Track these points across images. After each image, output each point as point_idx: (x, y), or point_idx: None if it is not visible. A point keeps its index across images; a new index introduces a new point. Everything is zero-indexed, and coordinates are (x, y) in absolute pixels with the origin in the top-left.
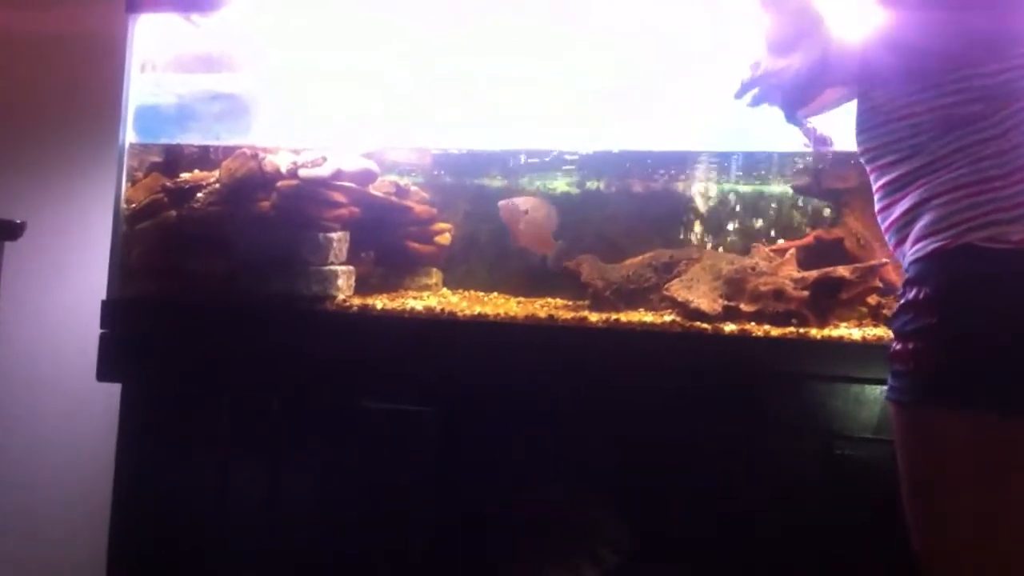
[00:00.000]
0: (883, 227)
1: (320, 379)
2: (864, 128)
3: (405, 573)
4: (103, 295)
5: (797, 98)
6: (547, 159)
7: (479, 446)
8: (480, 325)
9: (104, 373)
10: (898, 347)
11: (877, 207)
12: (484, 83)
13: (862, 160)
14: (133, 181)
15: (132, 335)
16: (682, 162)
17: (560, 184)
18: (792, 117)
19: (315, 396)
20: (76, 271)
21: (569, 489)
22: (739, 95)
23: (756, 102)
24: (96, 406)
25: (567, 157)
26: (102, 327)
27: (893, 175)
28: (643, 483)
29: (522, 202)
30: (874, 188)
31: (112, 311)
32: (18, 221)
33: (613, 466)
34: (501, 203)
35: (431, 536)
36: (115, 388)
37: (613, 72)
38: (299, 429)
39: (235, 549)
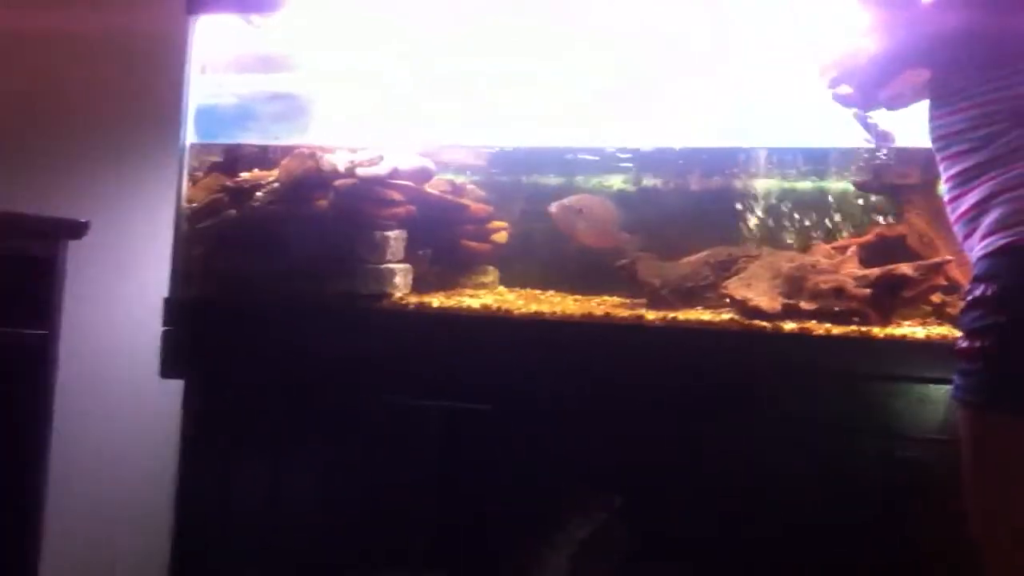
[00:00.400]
0: (952, 219)
1: (378, 377)
2: (936, 115)
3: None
4: (165, 293)
5: (875, 79)
6: (602, 157)
7: (535, 444)
8: (536, 323)
9: (167, 370)
10: (965, 344)
11: (946, 198)
12: (540, 80)
13: (933, 148)
14: (194, 181)
15: (194, 332)
16: (740, 158)
17: (616, 182)
18: (868, 101)
19: (373, 393)
20: (138, 269)
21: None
22: (832, 85)
23: (835, 83)
24: (159, 404)
25: (622, 155)
26: (164, 324)
27: (963, 166)
28: (701, 483)
29: (575, 201)
30: (944, 178)
31: (174, 309)
32: (82, 220)
33: (670, 465)
34: (552, 207)
35: (485, 535)
36: (178, 386)
37: (670, 66)
38: (357, 427)
39: (291, 547)
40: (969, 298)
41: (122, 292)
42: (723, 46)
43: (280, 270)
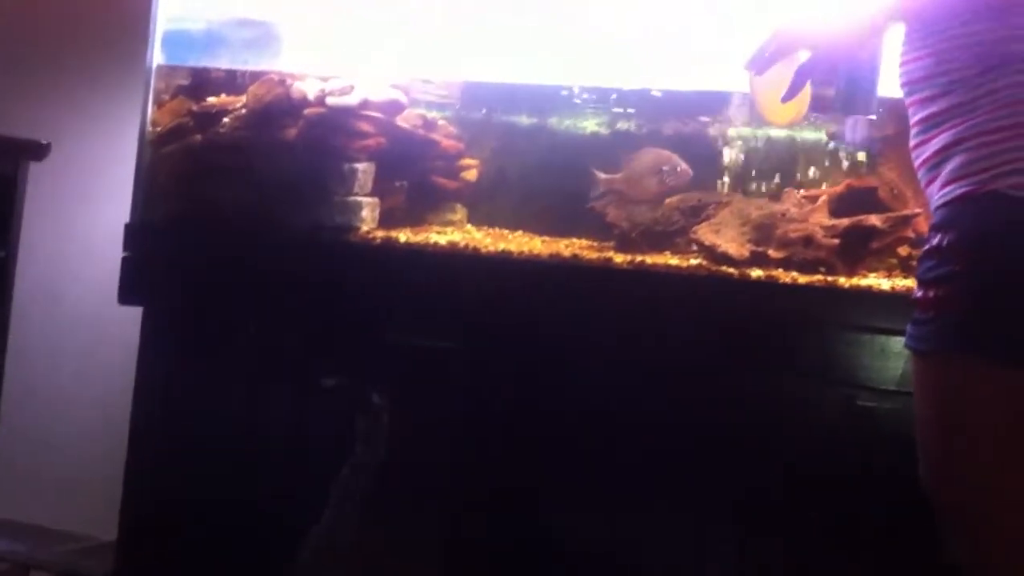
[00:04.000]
0: (916, 164)
1: (342, 310)
2: (904, 60)
3: (422, 507)
4: (127, 218)
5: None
6: (578, 98)
7: (499, 383)
8: (503, 262)
9: (126, 296)
10: (920, 294)
11: (912, 143)
12: (515, 13)
13: (902, 92)
14: (160, 104)
15: (155, 259)
16: (715, 104)
17: (590, 124)
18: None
19: (336, 327)
20: (101, 194)
21: None
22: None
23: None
24: (118, 329)
25: (596, 95)
26: (125, 250)
27: (929, 111)
28: (661, 427)
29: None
30: (911, 123)
31: (136, 234)
32: (43, 142)
33: (632, 409)
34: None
35: (448, 472)
36: (137, 312)
37: (648, 5)
38: (319, 359)
39: (251, 476)
40: (926, 247)
41: (84, 216)
42: None
43: (245, 198)
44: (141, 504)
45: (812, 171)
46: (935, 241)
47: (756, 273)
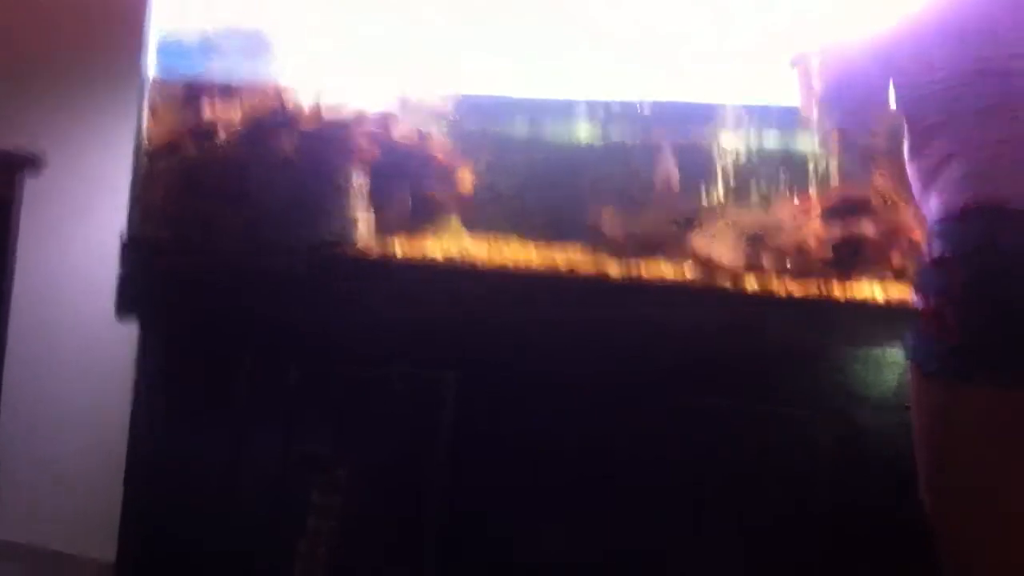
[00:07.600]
0: (910, 175)
1: (338, 323)
2: (900, 78)
3: (418, 537)
4: (123, 232)
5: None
6: (573, 110)
7: (495, 395)
8: (499, 274)
9: (122, 311)
10: (921, 305)
11: (907, 155)
12: (511, 26)
13: (897, 106)
14: (155, 117)
15: (151, 274)
16: (708, 115)
17: (583, 135)
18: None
19: (332, 342)
20: (97, 207)
21: None
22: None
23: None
24: (115, 345)
25: (590, 107)
26: (121, 265)
27: (926, 123)
28: (659, 439)
29: None
30: (905, 134)
31: (132, 249)
32: (38, 155)
33: (627, 421)
34: None
35: (445, 496)
36: (134, 327)
37: (641, 18)
38: (315, 378)
39: (246, 494)
40: (924, 259)
41: (80, 231)
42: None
43: (240, 212)
44: (139, 524)
45: (806, 180)
46: (932, 253)
47: (750, 282)
